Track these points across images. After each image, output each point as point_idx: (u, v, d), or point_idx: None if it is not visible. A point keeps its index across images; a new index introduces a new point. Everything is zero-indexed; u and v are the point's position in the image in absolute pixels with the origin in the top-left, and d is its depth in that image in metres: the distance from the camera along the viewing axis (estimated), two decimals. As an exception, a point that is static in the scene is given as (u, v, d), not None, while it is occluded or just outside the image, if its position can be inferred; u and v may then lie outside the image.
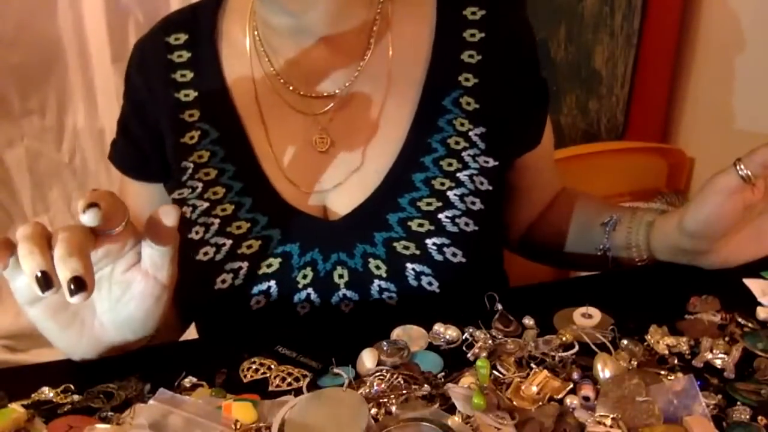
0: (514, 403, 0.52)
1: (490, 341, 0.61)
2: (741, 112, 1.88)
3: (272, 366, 0.59)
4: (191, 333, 0.88)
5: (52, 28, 1.64)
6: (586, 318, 0.64)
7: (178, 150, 0.79)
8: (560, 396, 0.53)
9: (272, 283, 0.72)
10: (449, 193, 0.73)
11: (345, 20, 0.75)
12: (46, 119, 1.71)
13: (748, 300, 0.66)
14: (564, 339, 0.60)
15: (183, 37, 0.82)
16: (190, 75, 0.80)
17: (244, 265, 0.72)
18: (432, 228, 0.72)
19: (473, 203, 0.74)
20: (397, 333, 0.63)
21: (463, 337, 0.62)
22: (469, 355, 0.60)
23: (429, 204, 0.73)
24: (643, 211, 0.77)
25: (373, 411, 0.52)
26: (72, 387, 0.58)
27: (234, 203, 0.75)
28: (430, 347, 0.62)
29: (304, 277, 0.72)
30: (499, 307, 0.65)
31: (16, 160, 1.70)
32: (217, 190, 0.76)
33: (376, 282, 0.72)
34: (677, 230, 0.69)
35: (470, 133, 0.76)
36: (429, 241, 0.72)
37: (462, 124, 0.76)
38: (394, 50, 0.78)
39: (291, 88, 0.78)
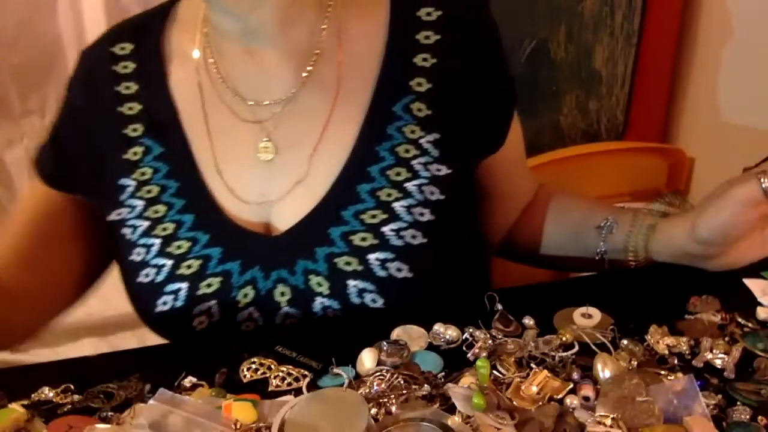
0: (514, 403, 0.52)
1: (490, 341, 0.61)
2: (741, 113, 1.88)
3: (272, 366, 0.59)
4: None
5: (52, 28, 1.64)
6: (586, 318, 0.64)
7: (120, 167, 0.76)
8: (560, 396, 0.53)
9: (213, 303, 0.71)
10: (395, 205, 0.71)
11: (293, 23, 0.72)
12: (46, 119, 1.70)
13: (748, 300, 0.66)
14: (564, 339, 0.60)
15: (128, 47, 0.79)
16: (134, 87, 0.77)
17: (184, 286, 0.71)
18: (375, 242, 0.70)
19: (421, 214, 0.71)
20: (397, 333, 0.63)
21: (463, 337, 0.62)
22: (469, 355, 0.60)
23: (374, 217, 0.70)
24: (643, 214, 0.75)
25: (373, 411, 0.52)
26: (72, 387, 0.58)
27: (175, 222, 0.73)
28: (430, 347, 0.62)
29: (245, 296, 0.71)
30: (499, 307, 0.65)
31: (16, 160, 1.70)
32: (158, 208, 0.74)
33: (318, 299, 0.70)
34: (688, 236, 0.68)
35: (421, 141, 0.73)
36: (371, 257, 0.69)
37: (413, 132, 0.73)
38: (345, 54, 0.74)
39: (236, 95, 0.75)
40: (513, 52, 1.72)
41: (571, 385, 0.54)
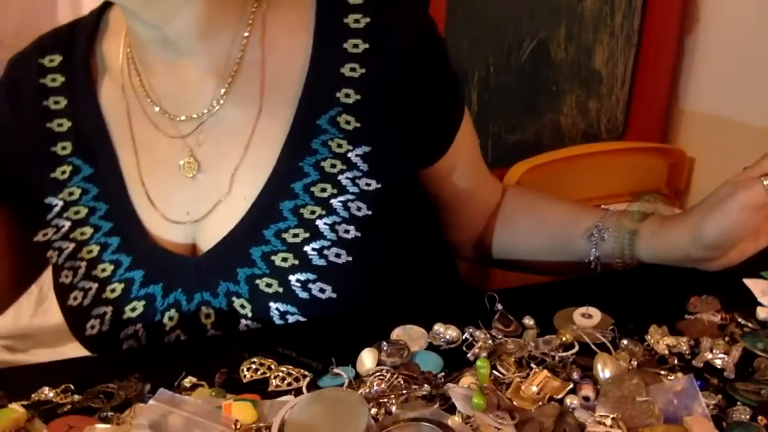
0: (514, 403, 0.52)
1: (490, 341, 0.61)
2: (741, 112, 1.88)
3: (272, 366, 0.59)
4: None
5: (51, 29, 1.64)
6: (586, 318, 0.64)
7: (46, 185, 0.73)
8: (560, 396, 0.53)
9: (139, 327, 0.70)
10: (318, 222, 0.68)
11: (214, 34, 0.69)
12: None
13: (748, 300, 0.66)
14: (564, 339, 0.60)
15: (57, 59, 0.75)
16: (63, 102, 0.74)
17: (109, 310, 0.70)
18: (296, 262, 0.67)
19: (346, 231, 0.68)
20: (397, 333, 0.63)
21: (463, 337, 0.62)
22: (469, 355, 0.60)
23: (296, 236, 0.68)
24: (625, 219, 0.74)
25: (373, 411, 0.52)
26: (72, 387, 0.58)
27: (100, 244, 0.72)
28: (430, 347, 0.62)
29: (170, 319, 0.70)
30: (499, 307, 0.65)
31: (16, 160, 1.70)
32: (85, 230, 0.72)
33: (243, 322, 0.68)
34: (692, 242, 0.67)
35: (349, 155, 0.69)
36: (293, 278, 0.67)
37: (339, 145, 0.69)
38: (268, 66, 0.71)
39: (158, 109, 0.72)
40: (513, 52, 1.72)
41: (571, 385, 0.54)
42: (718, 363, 0.57)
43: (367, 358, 0.58)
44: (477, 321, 0.64)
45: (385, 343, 0.60)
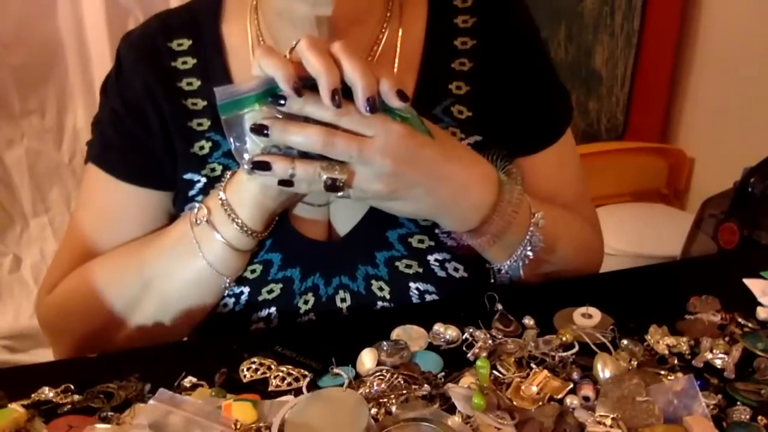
0: (514, 403, 0.52)
1: (490, 341, 0.61)
2: (741, 112, 1.88)
3: (272, 366, 0.59)
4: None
5: (52, 28, 1.64)
6: (586, 318, 0.64)
7: (187, 160, 0.74)
8: (560, 396, 0.53)
9: (273, 309, 0.71)
10: None
11: (362, 22, 0.72)
12: (46, 119, 1.71)
13: (748, 300, 0.66)
14: (564, 339, 0.60)
15: (186, 43, 0.77)
16: (197, 83, 0.75)
17: (246, 290, 0.71)
18: (432, 243, 0.70)
19: None
20: (397, 333, 0.63)
21: (463, 337, 0.62)
22: (469, 355, 0.60)
23: (426, 219, 0.70)
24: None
25: (373, 411, 0.52)
26: (72, 387, 0.58)
27: None
28: (430, 347, 0.62)
29: (306, 302, 0.71)
30: (499, 307, 0.65)
31: (16, 160, 1.70)
32: None
33: (380, 304, 0.70)
34: None
35: (463, 143, 0.72)
36: (431, 257, 0.70)
37: (454, 134, 0.72)
38: (399, 52, 0.74)
39: None
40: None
41: (571, 385, 0.54)
42: (718, 363, 0.57)
43: (367, 358, 0.58)
44: (477, 321, 0.64)
45: (385, 343, 0.60)
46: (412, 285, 0.70)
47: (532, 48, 0.78)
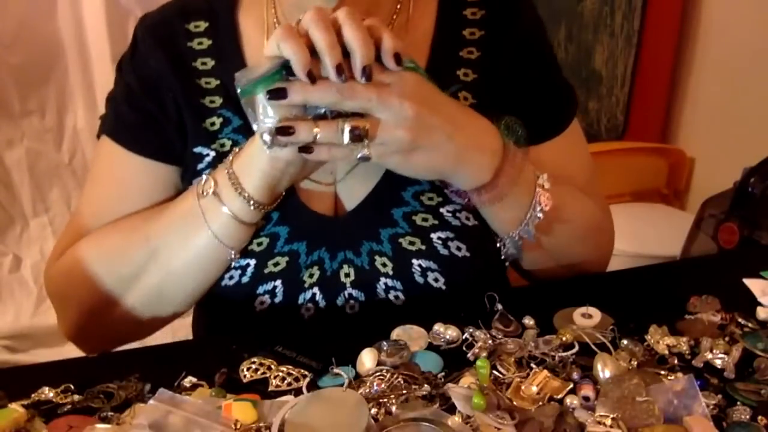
0: (514, 403, 0.52)
1: (490, 341, 0.61)
2: (741, 112, 1.88)
3: (272, 366, 0.59)
4: (188, 334, 0.88)
5: (52, 28, 1.64)
6: (586, 318, 0.64)
7: (198, 134, 0.76)
8: (560, 396, 0.53)
9: (278, 282, 0.72)
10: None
11: (376, 10, 0.74)
12: (46, 119, 1.71)
13: (748, 300, 0.66)
14: (564, 339, 0.60)
15: (203, 25, 0.79)
16: (211, 63, 0.78)
17: (252, 262, 0.72)
18: (436, 222, 0.72)
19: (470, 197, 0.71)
20: (397, 333, 0.63)
21: (463, 337, 0.62)
22: (469, 355, 0.60)
23: (431, 198, 0.73)
24: None
25: (373, 411, 0.52)
26: (72, 387, 0.58)
27: None
28: (430, 347, 0.62)
29: (311, 276, 0.72)
30: (499, 307, 0.65)
31: (16, 160, 1.70)
32: None
33: (383, 280, 0.72)
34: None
35: None
36: (434, 236, 0.72)
37: None
38: (407, 44, 0.75)
39: None
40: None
41: (571, 385, 0.54)
42: (718, 363, 0.57)
43: (367, 358, 0.58)
44: (477, 321, 0.64)
45: (385, 343, 0.60)
46: (415, 262, 0.71)
47: (538, 42, 0.80)
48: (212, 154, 0.75)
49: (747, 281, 0.68)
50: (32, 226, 1.75)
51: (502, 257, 0.75)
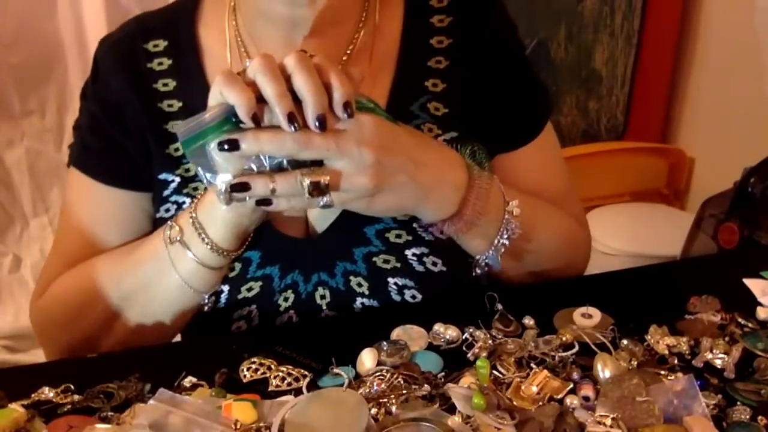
0: (514, 403, 0.52)
1: (490, 341, 0.61)
2: (741, 113, 1.88)
3: (272, 366, 0.59)
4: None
5: (52, 28, 1.64)
6: (586, 318, 0.64)
7: (162, 161, 0.74)
8: (560, 396, 0.53)
9: (253, 307, 0.71)
10: None
11: (344, 17, 0.72)
12: (46, 119, 1.70)
13: (748, 300, 0.66)
14: (564, 339, 0.60)
15: (162, 44, 0.76)
16: (172, 83, 0.75)
17: (225, 288, 0.71)
18: (410, 238, 0.71)
19: None
20: (397, 333, 0.63)
21: (463, 337, 0.62)
22: (469, 355, 0.60)
23: (407, 214, 0.69)
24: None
25: (373, 411, 0.52)
26: (72, 387, 0.58)
27: None
28: (430, 347, 0.62)
29: (286, 300, 0.71)
30: (499, 307, 0.65)
31: (16, 160, 1.70)
32: None
33: (359, 300, 0.70)
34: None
35: (440, 138, 0.72)
36: (409, 252, 0.70)
37: (431, 130, 0.73)
38: (374, 52, 0.74)
39: None
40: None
41: (571, 385, 0.54)
42: (718, 363, 0.57)
43: (367, 358, 0.58)
44: (477, 321, 0.64)
45: (385, 343, 0.60)
46: (391, 280, 0.70)
47: (509, 46, 0.78)
48: (177, 179, 0.74)
49: (747, 281, 0.68)
50: (32, 226, 1.75)
51: (473, 274, 0.73)
